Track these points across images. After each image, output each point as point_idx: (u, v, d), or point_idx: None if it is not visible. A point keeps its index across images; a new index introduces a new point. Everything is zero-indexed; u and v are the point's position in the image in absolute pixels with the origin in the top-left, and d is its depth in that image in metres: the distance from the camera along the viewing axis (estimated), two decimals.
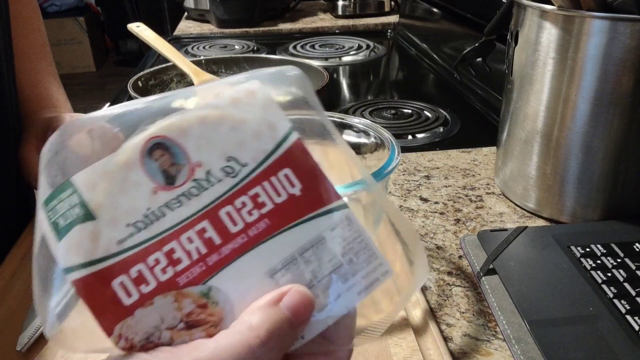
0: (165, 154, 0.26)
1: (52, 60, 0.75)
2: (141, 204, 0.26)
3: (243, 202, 0.27)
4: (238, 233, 0.26)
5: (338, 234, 0.28)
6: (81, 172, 0.26)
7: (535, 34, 0.56)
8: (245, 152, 0.27)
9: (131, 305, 0.25)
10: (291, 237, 0.27)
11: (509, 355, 0.43)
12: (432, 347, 0.43)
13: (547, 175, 0.59)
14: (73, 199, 0.26)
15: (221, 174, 0.27)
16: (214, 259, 0.26)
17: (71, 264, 0.25)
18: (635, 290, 0.46)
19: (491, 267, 0.51)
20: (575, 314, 0.45)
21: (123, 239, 0.26)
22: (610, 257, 0.50)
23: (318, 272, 0.27)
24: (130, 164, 0.26)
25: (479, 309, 0.48)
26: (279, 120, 0.28)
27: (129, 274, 0.25)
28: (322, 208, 0.28)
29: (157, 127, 0.27)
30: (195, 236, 0.26)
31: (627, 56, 0.51)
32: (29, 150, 0.63)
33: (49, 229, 0.26)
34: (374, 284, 0.28)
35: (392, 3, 1.75)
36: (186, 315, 0.26)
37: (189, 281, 0.26)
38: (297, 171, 0.27)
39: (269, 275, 0.27)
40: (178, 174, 0.26)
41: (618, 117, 0.54)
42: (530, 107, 0.58)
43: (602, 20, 0.51)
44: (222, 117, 0.27)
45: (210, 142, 0.27)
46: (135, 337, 0.25)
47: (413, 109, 0.96)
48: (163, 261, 0.26)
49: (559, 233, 0.55)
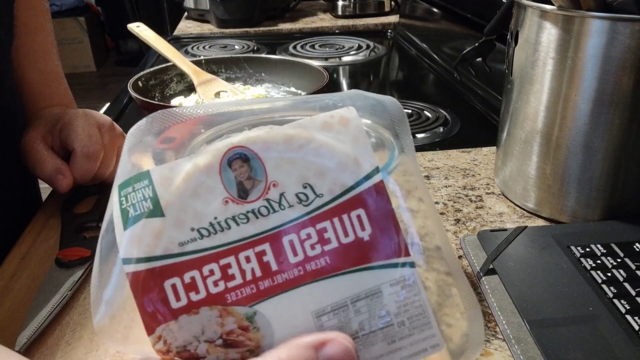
0: (244, 165, 0.26)
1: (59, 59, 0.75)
2: (210, 212, 0.26)
3: (308, 234, 0.26)
4: (296, 264, 0.26)
5: (396, 292, 0.26)
6: (160, 167, 0.26)
7: (535, 34, 0.56)
8: (323, 182, 0.26)
9: (178, 310, 0.25)
10: (348, 282, 0.26)
11: (509, 355, 0.43)
12: None
13: (547, 175, 0.59)
14: (147, 191, 0.25)
15: (294, 200, 0.26)
16: (266, 284, 0.26)
17: (131, 255, 0.25)
18: (635, 290, 0.46)
19: (491, 267, 0.51)
20: (575, 314, 0.45)
21: (184, 242, 0.25)
22: (610, 257, 0.50)
23: (366, 325, 0.26)
24: (209, 169, 0.26)
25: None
26: (366, 156, 0.27)
27: (182, 278, 0.25)
28: (388, 260, 0.26)
29: (243, 137, 0.26)
30: (254, 257, 0.26)
31: (627, 56, 0.51)
32: (34, 137, 0.63)
33: (118, 215, 0.26)
34: (420, 354, 0.27)
35: (392, 3, 1.75)
36: (227, 333, 0.25)
37: (238, 300, 0.25)
38: (371, 215, 0.26)
39: (316, 315, 0.26)
40: (252, 189, 0.26)
41: (618, 117, 0.54)
42: (530, 107, 0.58)
43: (602, 20, 0.51)
44: (309, 140, 0.26)
45: (291, 164, 0.26)
46: (173, 342, 0.25)
47: (413, 109, 0.96)
48: (217, 274, 0.25)
49: (559, 233, 0.55)
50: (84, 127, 0.62)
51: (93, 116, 0.65)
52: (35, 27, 0.70)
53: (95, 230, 0.59)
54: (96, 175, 0.63)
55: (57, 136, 0.63)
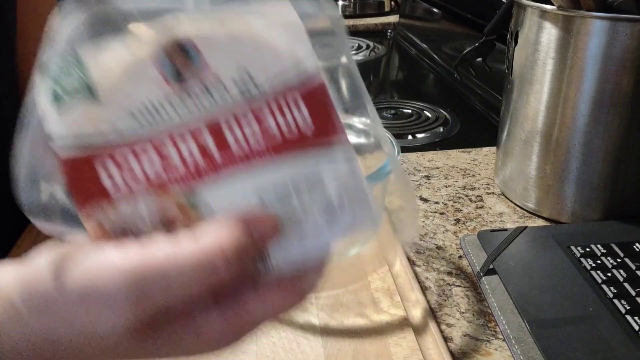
0: (181, 51, 0.25)
1: None
2: (146, 96, 0.25)
3: (248, 120, 0.26)
4: (236, 149, 0.26)
5: (335, 172, 0.27)
6: (92, 48, 0.25)
7: (535, 34, 0.56)
8: (262, 72, 0.26)
9: (114, 195, 0.25)
10: (288, 164, 0.26)
11: (509, 355, 0.43)
12: (432, 347, 0.43)
13: (547, 175, 0.59)
14: (78, 72, 0.24)
15: (232, 85, 0.26)
16: (207, 169, 0.25)
17: (63, 137, 0.24)
18: (635, 290, 0.46)
19: (491, 267, 0.51)
20: (575, 314, 0.45)
21: (119, 124, 0.25)
22: (610, 257, 0.50)
23: (307, 204, 0.27)
24: (144, 51, 0.25)
25: (479, 309, 0.48)
26: (304, 49, 0.27)
27: (119, 163, 0.25)
28: (327, 144, 0.27)
29: (180, 23, 0.25)
30: (193, 142, 0.25)
31: (627, 56, 0.51)
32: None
33: (48, 99, 0.25)
34: (358, 226, 0.28)
35: (392, 3, 1.75)
36: (166, 217, 0.25)
37: (177, 184, 0.25)
38: (310, 103, 0.26)
39: (258, 197, 0.26)
40: (189, 73, 0.25)
41: (618, 117, 0.54)
42: (530, 107, 0.58)
43: (602, 20, 0.51)
44: (249, 33, 0.26)
45: (230, 52, 0.26)
46: (110, 227, 0.25)
47: (413, 109, 0.96)
48: (155, 159, 0.25)
49: (559, 233, 0.55)
50: None
51: None
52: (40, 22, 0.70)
53: None
54: None
55: None
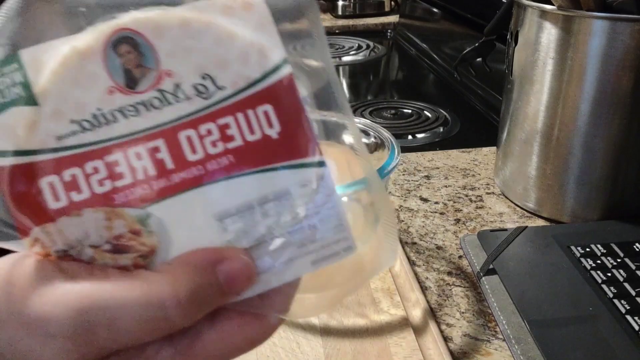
0: (132, 51, 0.23)
1: None
2: (93, 102, 0.23)
3: (209, 130, 0.23)
4: (195, 163, 0.23)
5: (307, 193, 0.24)
6: (32, 48, 0.22)
7: (535, 34, 0.56)
8: (225, 73, 0.23)
9: (56, 211, 0.23)
10: (254, 182, 0.24)
11: (509, 355, 0.43)
12: (432, 347, 0.43)
13: (547, 175, 0.59)
14: (16, 76, 0.22)
15: (192, 91, 0.23)
16: (161, 184, 0.23)
17: (0, 147, 0.22)
18: (635, 290, 0.46)
19: (491, 267, 0.51)
20: (575, 314, 0.45)
21: (63, 136, 0.23)
22: (610, 257, 0.50)
23: (274, 228, 0.24)
24: (90, 52, 0.22)
25: (479, 309, 0.48)
26: (273, 45, 0.24)
27: (61, 175, 0.23)
28: (297, 160, 0.24)
29: (130, 19, 0.23)
30: (146, 154, 0.23)
31: (627, 56, 0.51)
32: None
33: None
34: (332, 258, 0.25)
35: (392, 3, 1.75)
36: (115, 238, 0.23)
37: (127, 201, 0.23)
38: (280, 111, 0.24)
39: (219, 218, 0.24)
40: (142, 78, 0.23)
41: (618, 117, 0.54)
42: (530, 107, 0.58)
43: (602, 20, 0.51)
44: (209, 26, 0.23)
45: (188, 52, 0.23)
46: (52, 246, 0.23)
47: (413, 109, 0.96)
48: (103, 172, 0.23)
49: (559, 233, 0.55)
50: None
51: None
52: None
53: None
54: None
55: None
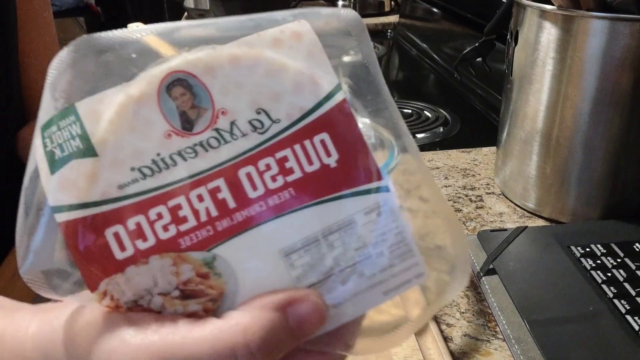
0: (186, 93, 0.23)
1: None
2: (151, 147, 0.22)
3: (267, 165, 0.23)
4: (256, 199, 0.23)
5: (372, 220, 0.24)
6: (87, 99, 0.22)
7: (535, 34, 0.56)
8: (279, 106, 0.23)
9: (123, 261, 0.22)
10: (317, 214, 0.23)
11: (509, 355, 0.43)
12: (432, 347, 0.43)
13: (547, 175, 0.59)
14: (74, 128, 0.22)
15: (248, 128, 0.23)
16: (225, 224, 0.23)
17: (62, 202, 0.22)
18: (635, 290, 0.46)
19: (491, 267, 0.51)
20: (575, 313, 0.45)
21: (125, 184, 0.22)
22: (610, 257, 0.50)
23: (341, 260, 0.24)
24: (145, 98, 0.22)
25: (479, 309, 0.48)
26: (325, 73, 0.24)
27: (126, 225, 0.22)
28: (359, 187, 0.24)
29: (181, 61, 0.23)
30: (207, 195, 0.23)
31: (627, 56, 0.51)
32: (29, 132, 0.63)
33: (43, 159, 0.22)
34: (404, 286, 0.24)
35: (392, 3, 1.75)
36: (183, 283, 0.23)
37: (193, 245, 0.23)
38: (336, 139, 0.23)
39: (284, 254, 0.23)
40: (198, 119, 0.23)
41: (618, 116, 0.54)
42: (530, 107, 0.58)
43: (602, 20, 0.51)
44: (258, 60, 0.23)
45: (240, 88, 0.23)
46: (122, 297, 0.22)
47: (413, 109, 0.96)
48: (166, 217, 0.22)
49: (559, 233, 0.55)
50: None
51: None
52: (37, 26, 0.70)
53: None
54: None
55: None
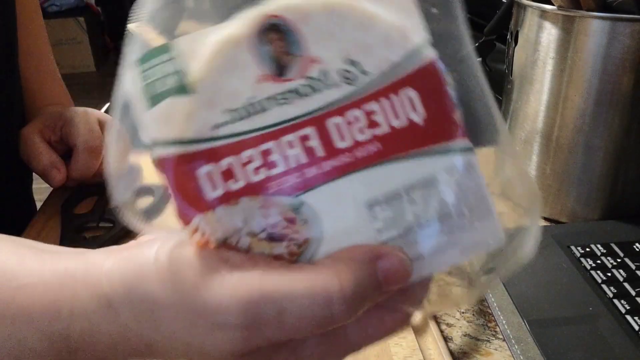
0: (280, 38, 0.23)
1: (53, 58, 0.76)
2: (244, 90, 0.22)
3: (356, 117, 0.23)
4: (344, 150, 0.23)
5: (454, 179, 0.24)
6: (185, 37, 0.22)
7: (535, 34, 0.56)
8: (369, 57, 0.23)
9: (214, 200, 0.22)
10: (401, 169, 0.23)
11: (508, 355, 0.43)
12: (432, 347, 0.43)
13: (547, 175, 0.59)
14: (171, 65, 0.22)
15: (338, 78, 0.23)
16: (313, 172, 0.23)
17: (159, 137, 0.22)
18: (635, 290, 0.46)
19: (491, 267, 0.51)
20: (575, 313, 0.45)
21: (218, 125, 0.22)
22: (610, 257, 0.50)
23: (422, 216, 0.24)
24: (241, 41, 0.22)
25: (479, 309, 0.48)
26: (415, 28, 0.23)
27: (218, 164, 0.22)
28: (443, 145, 0.24)
29: (278, 5, 0.23)
30: (297, 142, 0.23)
31: (627, 56, 0.51)
32: (32, 131, 0.64)
33: (139, 94, 0.22)
34: (480, 247, 0.25)
35: None
36: (271, 226, 0.23)
37: (281, 189, 0.23)
38: (424, 95, 0.23)
39: (368, 205, 0.23)
40: (290, 65, 0.23)
41: (618, 117, 0.54)
42: (530, 107, 0.58)
43: (602, 20, 0.51)
44: (352, 9, 0.23)
45: (333, 37, 0.23)
46: (212, 235, 0.23)
47: None
48: (257, 160, 0.22)
49: (559, 233, 0.55)
50: (86, 124, 0.63)
51: (94, 114, 0.65)
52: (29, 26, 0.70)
53: (96, 230, 0.59)
54: (97, 171, 0.63)
55: (58, 133, 0.63)
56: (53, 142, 0.64)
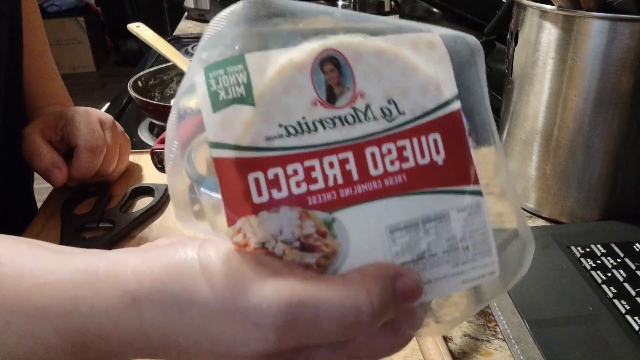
0: (335, 70, 0.26)
1: (52, 57, 0.76)
2: (299, 110, 0.25)
3: (389, 150, 0.26)
4: (376, 177, 0.26)
5: (463, 218, 0.27)
6: (256, 53, 0.25)
7: (535, 34, 0.56)
8: (406, 100, 0.26)
9: (259, 205, 0.25)
10: (421, 202, 0.26)
11: (509, 355, 0.43)
12: (432, 347, 0.43)
13: (546, 175, 0.59)
14: (240, 77, 0.25)
15: (379, 113, 0.26)
16: (347, 193, 0.25)
17: (220, 140, 0.24)
18: (635, 290, 0.46)
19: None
20: (575, 314, 0.45)
21: (272, 137, 0.25)
22: (610, 257, 0.50)
23: (433, 246, 0.27)
24: (302, 66, 0.25)
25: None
26: (447, 82, 0.27)
27: (266, 173, 0.25)
28: (458, 186, 0.27)
29: (338, 41, 0.26)
30: (337, 163, 0.25)
31: (627, 56, 0.51)
32: (33, 131, 0.64)
33: (206, 97, 0.25)
34: (478, 280, 0.28)
35: (392, 3, 1.75)
36: (304, 237, 0.25)
37: (318, 204, 0.25)
38: (447, 140, 0.27)
39: (390, 230, 0.26)
40: (341, 95, 0.26)
41: (618, 117, 0.54)
42: (530, 107, 0.58)
43: (602, 20, 0.51)
44: (398, 57, 0.26)
45: (379, 77, 0.26)
46: (252, 238, 0.25)
47: None
48: (300, 175, 0.25)
49: (559, 233, 0.55)
50: (87, 124, 0.63)
51: (95, 114, 0.65)
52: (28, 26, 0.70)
53: (95, 231, 0.59)
54: (99, 171, 0.63)
55: (59, 132, 0.63)
56: (54, 142, 0.64)
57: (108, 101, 1.05)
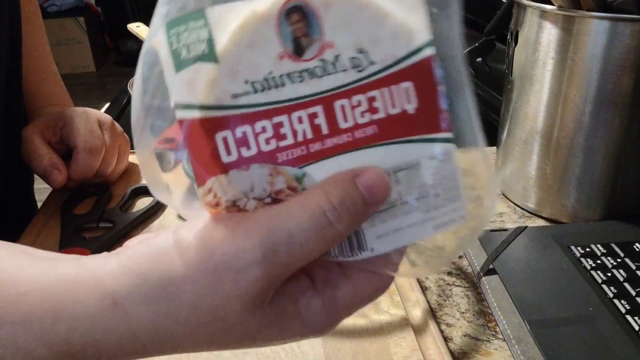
0: (301, 20, 0.24)
1: (52, 58, 0.76)
2: (265, 65, 0.24)
3: (359, 101, 0.25)
4: (345, 130, 0.25)
5: (434, 165, 0.27)
6: (218, 7, 0.24)
7: (535, 34, 0.56)
8: (377, 49, 0.25)
9: (228, 164, 0.24)
10: (392, 152, 0.26)
11: (509, 355, 0.43)
12: (432, 347, 0.43)
13: (547, 175, 0.59)
14: (201, 33, 0.24)
15: (348, 64, 0.25)
16: (316, 147, 0.25)
17: (183, 101, 0.24)
18: (635, 290, 0.46)
19: (491, 267, 0.51)
20: (575, 314, 0.45)
21: (238, 94, 0.24)
22: (610, 257, 0.50)
23: (404, 194, 0.27)
24: (267, 18, 0.24)
25: (479, 309, 0.48)
26: (420, 28, 0.26)
27: (234, 132, 0.24)
28: (429, 134, 0.26)
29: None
30: (306, 118, 0.25)
31: (627, 56, 0.51)
32: (33, 132, 0.64)
33: (168, 56, 0.24)
34: (449, 224, 0.28)
35: None
36: (275, 192, 0.25)
37: (288, 160, 0.25)
38: (418, 88, 0.26)
39: None
40: (308, 47, 0.25)
41: (618, 117, 0.54)
42: (530, 107, 0.58)
43: (602, 20, 0.51)
44: (368, 3, 0.25)
45: (348, 26, 0.25)
46: (223, 197, 0.25)
47: None
48: (269, 131, 0.25)
49: (559, 233, 0.55)
50: (85, 124, 0.63)
51: (94, 114, 0.65)
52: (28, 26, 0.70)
53: (95, 231, 0.59)
54: (98, 172, 0.63)
55: (58, 133, 0.63)
56: (53, 142, 0.64)
57: (108, 101, 1.05)
